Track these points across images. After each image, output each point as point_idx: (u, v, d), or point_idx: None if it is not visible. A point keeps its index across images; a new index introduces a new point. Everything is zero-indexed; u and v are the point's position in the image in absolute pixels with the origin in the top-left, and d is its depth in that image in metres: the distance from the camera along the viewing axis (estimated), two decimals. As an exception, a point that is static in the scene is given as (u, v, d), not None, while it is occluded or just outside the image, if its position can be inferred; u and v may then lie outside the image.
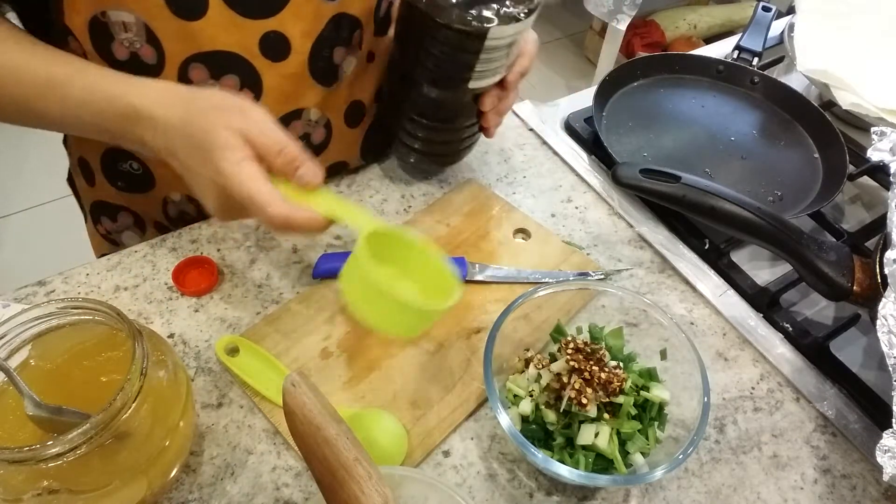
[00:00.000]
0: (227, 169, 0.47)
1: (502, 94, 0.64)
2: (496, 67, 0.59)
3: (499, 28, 0.55)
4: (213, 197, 0.50)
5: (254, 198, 0.46)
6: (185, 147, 0.49)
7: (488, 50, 0.56)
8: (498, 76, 0.61)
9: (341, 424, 0.36)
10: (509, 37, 0.56)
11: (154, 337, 0.46)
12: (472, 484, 0.52)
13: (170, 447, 0.44)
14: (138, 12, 0.53)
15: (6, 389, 0.42)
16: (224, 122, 0.47)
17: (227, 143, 0.47)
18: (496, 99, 0.64)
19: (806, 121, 0.83)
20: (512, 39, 0.57)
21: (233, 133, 0.47)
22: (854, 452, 0.56)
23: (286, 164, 0.49)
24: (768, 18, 0.93)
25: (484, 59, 0.57)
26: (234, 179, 0.47)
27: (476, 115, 0.65)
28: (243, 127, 0.48)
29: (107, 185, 0.69)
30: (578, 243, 0.69)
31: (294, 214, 0.47)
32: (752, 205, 0.59)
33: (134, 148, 0.54)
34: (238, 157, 0.47)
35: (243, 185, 0.46)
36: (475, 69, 0.58)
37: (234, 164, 0.47)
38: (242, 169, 0.47)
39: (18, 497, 0.38)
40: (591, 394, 0.48)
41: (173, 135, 0.49)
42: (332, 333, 0.59)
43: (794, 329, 0.62)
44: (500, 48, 0.57)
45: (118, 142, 0.54)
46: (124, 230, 0.74)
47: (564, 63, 2.51)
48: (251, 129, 0.48)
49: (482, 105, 0.63)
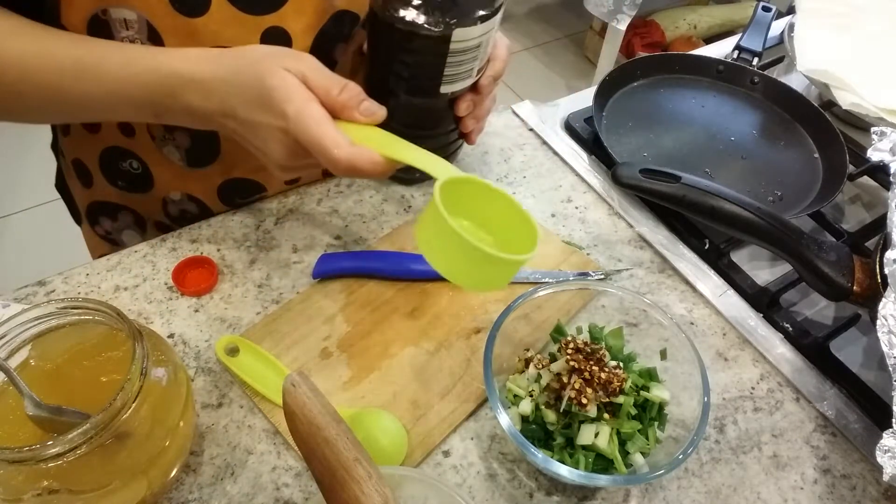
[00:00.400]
0: (292, 111, 0.45)
1: (477, 98, 0.63)
2: (467, 71, 0.59)
3: (462, 30, 0.54)
4: (278, 146, 0.48)
5: (320, 140, 0.45)
6: (242, 99, 0.48)
7: (455, 53, 0.56)
8: (470, 80, 0.60)
9: (341, 424, 0.36)
10: (475, 39, 0.56)
11: (154, 337, 0.46)
12: (472, 484, 0.52)
13: (170, 447, 0.44)
14: (140, 9, 0.53)
15: (6, 389, 0.42)
16: (281, 65, 0.46)
17: (289, 84, 0.46)
18: (471, 104, 0.62)
19: (806, 121, 0.83)
20: (479, 41, 0.56)
21: (290, 74, 0.46)
22: (854, 452, 0.56)
23: (349, 100, 0.47)
24: (768, 18, 0.93)
25: (452, 63, 0.57)
26: (300, 122, 0.45)
27: (455, 122, 0.65)
28: (301, 68, 0.47)
29: (106, 185, 0.69)
30: (578, 243, 0.69)
31: (359, 157, 0.46)
32: (752, 205, 0.59)
33: (180, 121, 0.53)
34: (302, 98, 0.46)
35: (309, 129, 0.45)
36: (444, 73, 0.58)
37: (299, 106, 0.45)
38: (307, 110, 0.45)
39: (18, 497, 0.38)
40: (591, 394, 0.48)
41: (226, 91, 0.48)
42: (332, 333, 0.59)
43: (794, 329, 0.62)
44: (467, 51, 0.56)
45: (162, 117, 0.53)
46: (124, 229, 0.74)
47: (564, 63, 2.51)
48: (308, 70, 0.47)
49: (457, 110, 0.62)
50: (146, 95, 0.51)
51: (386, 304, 0.61)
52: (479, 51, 0.57)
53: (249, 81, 0.47)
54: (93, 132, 0.66)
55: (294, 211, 0.69)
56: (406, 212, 0.70)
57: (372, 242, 0.67)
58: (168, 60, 0.49)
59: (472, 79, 0.60)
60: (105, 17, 0.53)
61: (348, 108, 0.48)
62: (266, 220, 0.68)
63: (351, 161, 0.46)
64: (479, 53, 0.58)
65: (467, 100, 0.62)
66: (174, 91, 0.49)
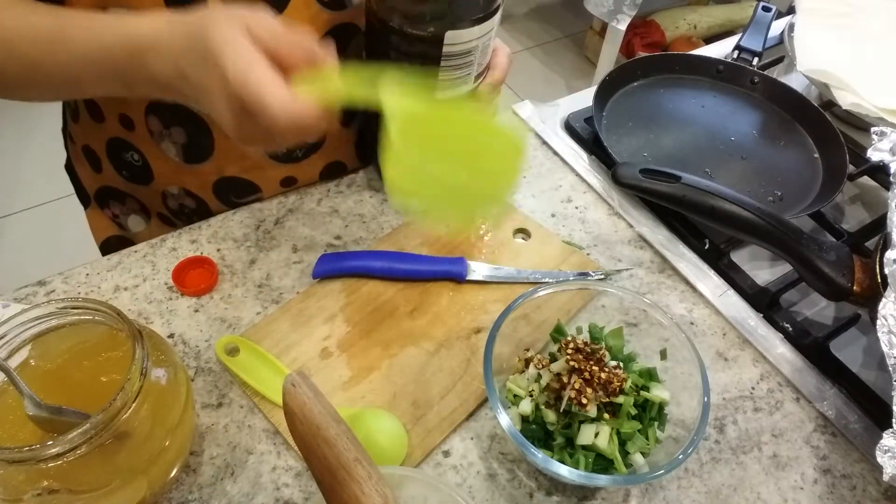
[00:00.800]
0: (230, 65, 0.41)
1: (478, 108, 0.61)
2: (462, 76, 0.58)
3: (456, 32, 0.53)
4: (225, 109, 0.44)
5: (260, 95, 0.40)
6: (191, 61, 0.44)
7: (449, 56, 0.55)
8: (467, 87, 0.60)
9: (341, 424, 0.36)
10: (469, 42, 0.55)
11: (154, 337, 0.46)
12: (472, 484, 0.52)
13: (170, 447, 0.44)
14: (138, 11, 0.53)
15: (6, 389, 0.42)
16: (227, 22, 0.42)
17: (232, 41, 0.41)
18: None
19: (806, 121, 0.83)
20: (473, 45, 0.56)
21: (237, 30, 0.42)
22: (854, 452, 0.56)
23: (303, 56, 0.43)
24: (768, 18, 0.93)
25: (447, 67, 0.56)
26: (237, 77, 0.41)
27: None
28: (249, 24, 0.42)
29: (113, 172, 0.70)
30: (578, 243, 0.69)
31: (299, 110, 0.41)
32: (752, 205, 0.59)
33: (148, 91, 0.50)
34: (246, 56, 0.41)
35: (249, 84, 0.41)
36: (440, 77, 0.57)
37: (237, 59, 0.41)
38: (251, 69, 0.41)
39: (18, 497, 0.38)
40: (591, 394, 0.48)
41: (178, 53, 0.45)
42: (332, 333, 0.59)
43: (794, 329, 0.62)
44: (461, 54, 0.56)
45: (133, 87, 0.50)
46: (131, 213, 0.75)
47: (564, 63, 2.51)
48: (258, 25, 0.42)
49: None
50: (111, 63, 0.48)
51: (386, 303, 0.61)
52: (474, 55, 0.57)
53: (197, 40, 0.43)
54: (98, 122, 0.66)
55: (294, 211, 0.69)
56: (406, 212, 0.70)
57: (372, 242, 0.67)
58: (133, 26, 0.47)
59: (469, 86, 0.60)
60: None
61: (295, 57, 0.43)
62: (266, 220, 0.68)
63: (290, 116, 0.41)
64: (474, 58, 0.57)
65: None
66: (136, 57, 0.47)
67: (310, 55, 0.43)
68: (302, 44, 0.43)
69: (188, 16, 0.45)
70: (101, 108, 0.65)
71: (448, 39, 0.54)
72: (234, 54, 0.41)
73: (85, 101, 0.66)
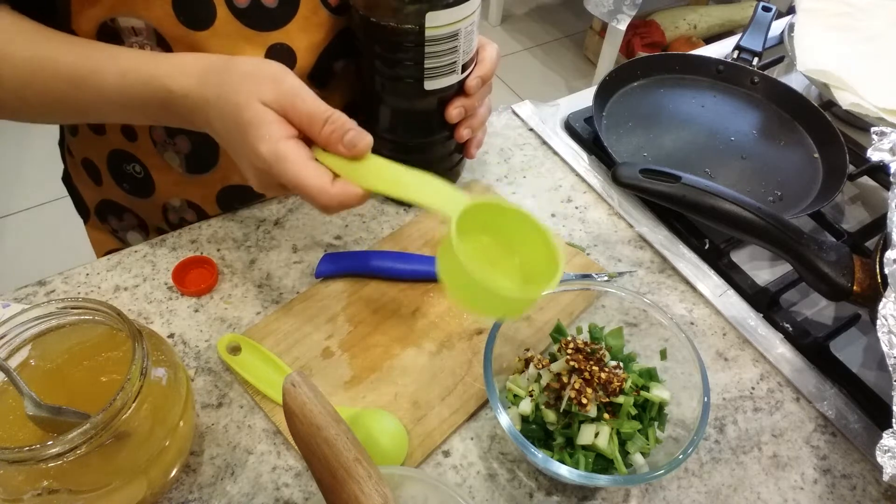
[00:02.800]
0: (265, 152, 0.43)
1: (467, 103, 0.62)
2: (449, 63, 0.58)
3: (435, 14, 0.53)
4: (254, 177, 0.47)
5: (303, 185, 0.43)
6: (222, 125, 0.46)
7: (432, 41, 0.55)
8: (455, 76, 0.60)
9: (341, 424, 0.36)
10: (451, 25, 0.55)
11: (154, 337, 0.46)
12: (472, 484, 0.52)
13: (170, 447, 0.44)
14: (148, 20, 0.53)
15: (6, 389, 0.42)
16: (257, 96, 0.44)
17: (262, 119, 0.43)
18: (462, 109, 0.61)
19: (806, 121, 0.83)
20: (455, 28, 0.55)
21: (266, 108, 0.44)
22: (854, 452, 0.56)
23: (332, 134, 0.44)
24: (768, 18, 0.93)
25: (432, 54, 0.56)
26: (276, 164, 0.43)
27: (449, 130, 0.64)
28: (278, 98, 0.44)
29: (114, 185, 0.70)
30: (579, 244, 0.69)
31: (345, 197, 0.43)
32: (752, 205, 0.59)
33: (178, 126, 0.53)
34: (276, 135, 0.43)
35: (287, 172, 0.43)
36: (426, 66, 0.57)
37: (273, 146, 0.43)
38: (282, 151, 0.43)
39: (18, 497, 0.38)
40: (591, 394, 0.48)
41: (209, 112, 0.47)
42: (333, 333, 0.59)
43: (794, 329, 0.62)
44: (444, 38, 0.56)
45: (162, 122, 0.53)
46: (129, 229, 0.75)
47: (564, 63, 2.51)
48: (286, 100, 0.44)
49: (448, 116, 0.61)
50: (141, 105, 0.50)
51: (388, 304, 0.61)
52: (458, 41, 0.57)
53: (228, 109, 0.45)
54: (99, 134, 0.66)
55: (294, 211, 0.69)
56: (406, 212, 0.70)
57: (372, 242, 0.67)
58: (159, 73, 0.48)
59: (458, 75, 0.60)
60: (114, 25, 0.54)
61: (332, 142, 0.44)
62: (266, 220, 0.68)
63: (342, 204, 0.44)
64: (458, 44, 0.57)
65: (458, 105, 0.61)
66: (165, 104, 0.49)
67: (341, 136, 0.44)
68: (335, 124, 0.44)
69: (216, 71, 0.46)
70: None
71: (429, 21, 0.54)
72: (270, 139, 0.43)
73: None
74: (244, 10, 0.55)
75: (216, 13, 0.54)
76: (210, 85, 0.46)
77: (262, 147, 0.43)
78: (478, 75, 0.61)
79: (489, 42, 0.63)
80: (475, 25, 0.58)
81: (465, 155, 0.68)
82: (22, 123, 0.58)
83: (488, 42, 0.63)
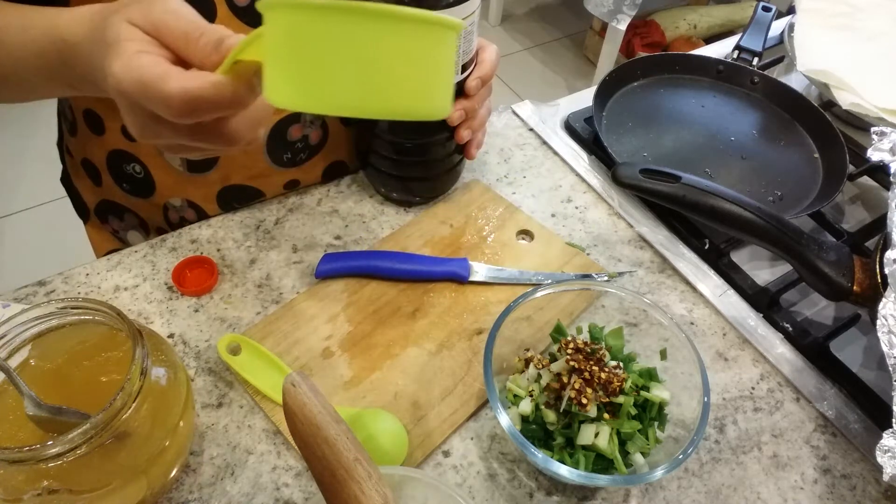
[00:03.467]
0: (118, 69, 0.36)
1: (468, 105, 0.61)
2: None
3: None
4: (123, 110, 0.39)
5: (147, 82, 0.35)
6: (96, 61, 0.39)
7: None
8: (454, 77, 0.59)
9: (341, 424, 0.36)
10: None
11: (154, 337, 0.46)
12: (472, 484, 0.52)
13: (170, 447, 0.44)
14: None
15: (6, 389, 0.42)
16: (125, 16, 0.38)
17: (121, 36, 0.37)
18: (463, 112, 0.61)
19: (806, 121, 0.83)
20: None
21: (132, 27, 0.37)
22: (854, 452, 0.56)
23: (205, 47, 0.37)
24: (768, 18, 0.93)
25: None
26: (126, 76, 0.36)
27: (450, 132, 0.64)
28: (148, 15, 0.38)
29: (114, 185, 0.70)
30: (579, 244, 0.69)
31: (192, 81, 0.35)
32: (752, 205, 0.59)
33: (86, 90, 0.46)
34: (132, 49, 0.36)
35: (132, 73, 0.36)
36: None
37: (126, 60, 0.36)
38: (134, 60, 0.36)
39: (18, 497, 0.38)
40: (591, 394, 0.48)
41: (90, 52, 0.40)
42: (334, 333, 0.59)
43: (794, 329, 0.62)
44: None
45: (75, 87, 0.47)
46: (130, 229, 0.75)
47: (564, 63, 2.51)
48: (157, 17, 0.37)
49: (448, 117, 0.61)
50: (45, 64, 0.45)
51: (388, 304, 0.61)
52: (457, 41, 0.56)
53: (97, 39, 0.39)
54: (98, 134, 0.66)
55: (294, 211, 0.69)
56: (406, 212, 0.70)
57: (372, 242, 0.67)
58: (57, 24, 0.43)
59: (457, 76, 0.60)
60: None
61: (207, 55, 0.37)
62: (266, 220, 0.68)
63: (185, 89, 0.35)
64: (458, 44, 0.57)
65: (458, 106, 0.61)
66: (63, 58, 0.44)
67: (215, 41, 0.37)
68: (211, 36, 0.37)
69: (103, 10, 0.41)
70: (101, 119, 0.65)
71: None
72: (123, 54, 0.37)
73: (83, 114, 0.66)
74: (244, 8, 0.55)
75: (216, 11, 0.54)
76: (93, 24, 0.41)
77: (115, 65, 0.36)
78: (478, 76, 0.61)
79: (489, 43, 0.63)
80: (475, 26, 0.58)
81: (465, 156, 0.69)
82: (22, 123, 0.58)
83: (488, 43, 0.63)
